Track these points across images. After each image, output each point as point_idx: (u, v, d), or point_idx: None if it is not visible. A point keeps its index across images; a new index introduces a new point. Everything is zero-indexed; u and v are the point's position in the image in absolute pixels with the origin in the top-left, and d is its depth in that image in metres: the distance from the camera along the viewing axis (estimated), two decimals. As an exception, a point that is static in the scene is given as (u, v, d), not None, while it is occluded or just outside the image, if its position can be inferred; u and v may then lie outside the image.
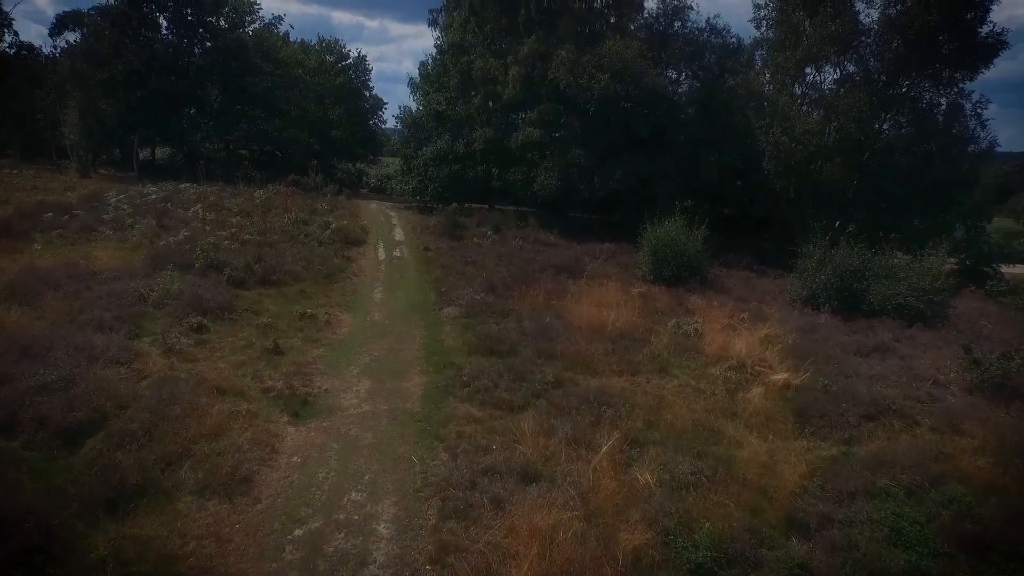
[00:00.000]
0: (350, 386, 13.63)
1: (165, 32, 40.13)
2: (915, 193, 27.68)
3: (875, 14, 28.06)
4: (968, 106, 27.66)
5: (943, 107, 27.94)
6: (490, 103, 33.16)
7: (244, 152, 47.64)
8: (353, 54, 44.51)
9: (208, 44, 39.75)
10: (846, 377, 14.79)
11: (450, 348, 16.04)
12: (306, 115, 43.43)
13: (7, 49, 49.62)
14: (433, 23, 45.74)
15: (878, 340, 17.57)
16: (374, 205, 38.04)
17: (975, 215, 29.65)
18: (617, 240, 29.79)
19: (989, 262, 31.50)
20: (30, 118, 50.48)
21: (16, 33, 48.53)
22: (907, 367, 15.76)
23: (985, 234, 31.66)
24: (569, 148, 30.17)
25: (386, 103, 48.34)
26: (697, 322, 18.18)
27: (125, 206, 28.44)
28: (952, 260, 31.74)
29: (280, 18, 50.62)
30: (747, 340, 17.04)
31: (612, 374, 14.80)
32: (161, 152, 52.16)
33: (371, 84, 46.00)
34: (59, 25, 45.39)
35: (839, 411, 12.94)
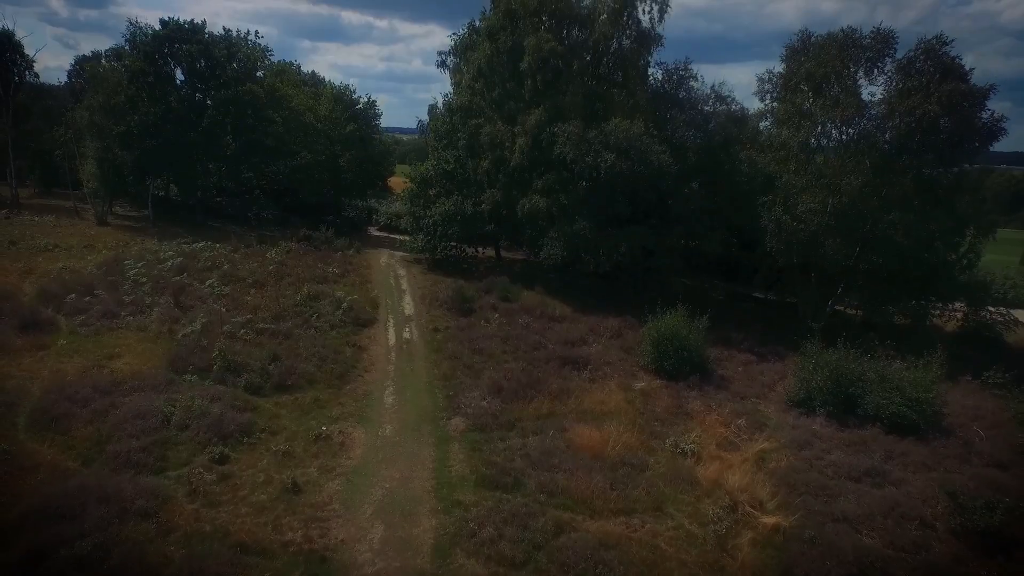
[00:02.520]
0: (364, 534, 14.46)
1: (180, 83, 40.81)
2: (916, 271, 28.22)
3: (878, 91, 28.56)
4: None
5: (944, 186, 28.29)
6: (498, 167, 33.71)
7: (257, 190, 48.61)
8: (363, 100, 45.08)
9: (221, 95, 40.36)
10: (834, 521, 15.49)
11: (457, 479, 16.83)
12: (317, 157, 44.16)
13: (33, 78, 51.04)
14: (442, 64, 46.51)
15: (870, 463, 18.21)
16: (384, 259, 38.79)
17: (977, 291, 30.02)
18: (622, 310, 30.49)
19: (991, 329, 31.86)
20: (48, 153, 51.97)
21: (37, 75, 49.59)
22: (895, 502, 16.39)
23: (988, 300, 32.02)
24: (575, 218, 30.77)
25: (395, 148, 48.64)
26: (694, 443, 18.85)
27: (143, 279, 29.37)
28: (959, 309, 32.30)
29: (291, 63, 51.48)
30: (741, 465, 17.83)
31: (610, 514, 15.58)
32: (175, 187, 53.08)
33: (381, 128, 46.64)
34: (78, 71, 46.31)
35: (823, 570, 13.69)
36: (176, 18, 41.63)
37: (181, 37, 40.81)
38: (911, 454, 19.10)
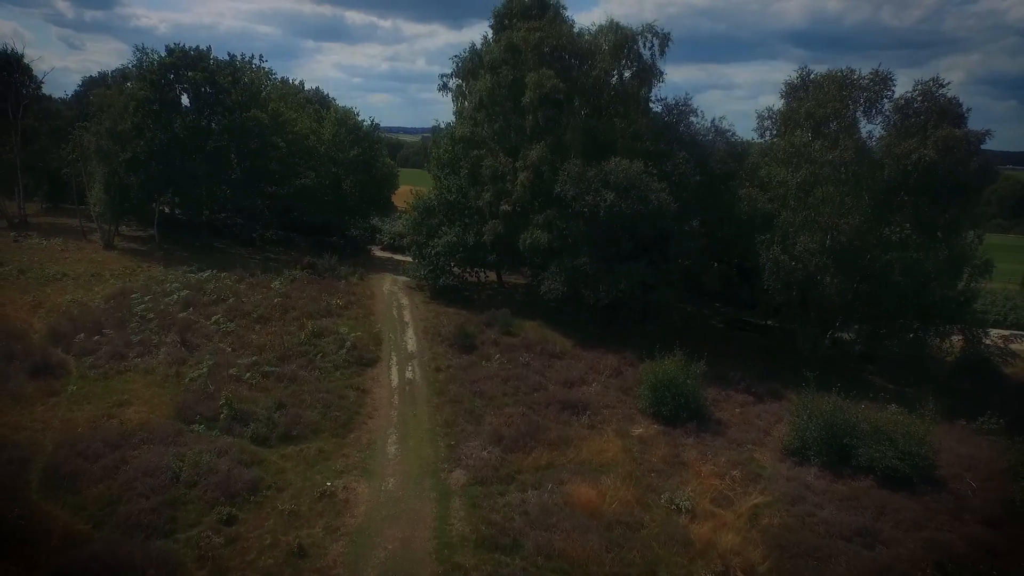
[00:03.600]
0: (367, 605, 14.93)
1: (186, 109, 41.21)
2: (913, 308, 28.57)
3: (877, 129, 28.89)
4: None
5: (942, 225, 28.59)
6: (499, 198, 34.07)
7: (262, 210, 49.20)
8: (367, 123, 45.42)
9: (226, 121, 40.81)
10: (823, 591, 15.92)
11: (458, 539, 17.26)
12: (321, 181, 44.61)
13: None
14: (444, 87, 46.89)
15: (862, 522, 18.60)
16: (387, 285, 39.22)
17: (973, 326, 30.35)
18: (622, 343, 30.98)
19: (989, 363, 32.18)
20: (55, 170, 52.66)
21: (46, 96, 50.23)
22: (885, 566, 16.80)
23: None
24: (575, 253, 31.15)
25: (397, 171, 49.03)
26: (689, 498, 19.25)
27: (150, 314, 29.91)
28: (957, 342, 32.56)
29: (295, 81, 51.78)
30: (735, 522, 18.27)
31: (604, 581, 16.03)
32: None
33: (385, 153, 47.06)
34: (84, 93, 46.82)
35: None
36: (181, 44, 42.14)
37: (186, 64, 41.25)
38: (903, 510, 19.46)
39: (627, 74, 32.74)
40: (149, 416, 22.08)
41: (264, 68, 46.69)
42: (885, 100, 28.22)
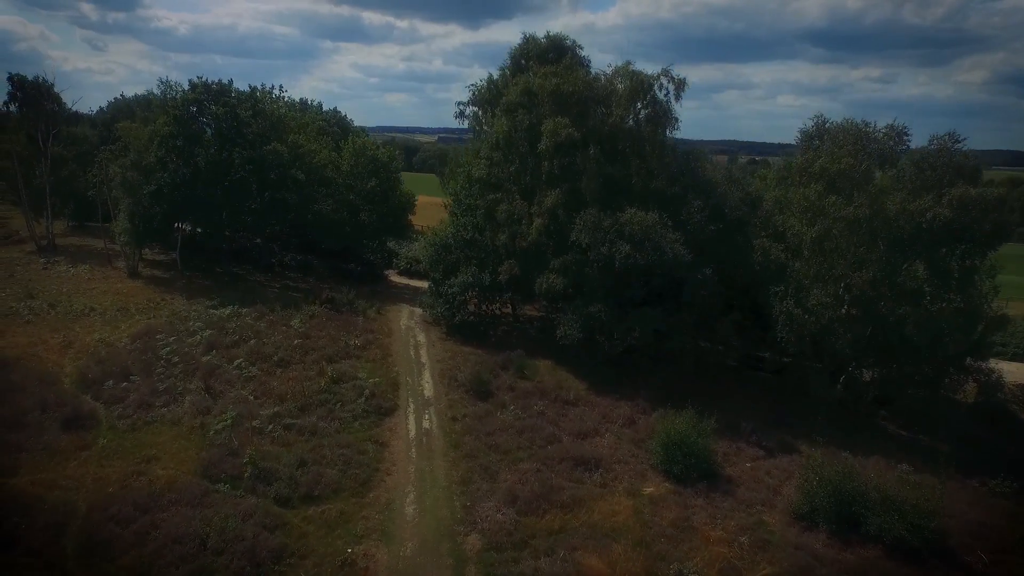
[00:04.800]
0: None
1: (207, 141, 42.04)
2: (927, 360, 28.72)
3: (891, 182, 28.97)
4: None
5: (956, 279, 28.64)
6: (515, 240, 34.54)
7: (280, 235, 50.16)
8: (384, 156, 46.04)
9: (246, 154, 41.66)
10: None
11: (474, 614, 17.90)
12: (339, 213, 45.38)
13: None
14: (460, 115, 47.58)
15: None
16: (404, 320, 39.87)
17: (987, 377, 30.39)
18: (635, 387, 31.43)
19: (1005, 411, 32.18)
20: (81, 192, 54.08)
21: (76, 114, 51.60)
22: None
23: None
24: (590, 299, 31.58)
25: (415, 200, 49.66)
26: (697, 570, 19.71)
27: (175, 358, 30.83)
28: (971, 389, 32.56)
29: (313, 103, 52.55)
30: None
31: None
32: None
33: (402, 181, 47.74)
34: (111, 120, 47.95)
35: None
36: (204, 78, 42.99)
37: (209, 98, 42.14)
38: (910, 585, 19.80)
39: (643, 121, 32.98)
40: (176, 473, 22.91)
41: (284, 97, 47.50)
42: (900, 154, 28.29)
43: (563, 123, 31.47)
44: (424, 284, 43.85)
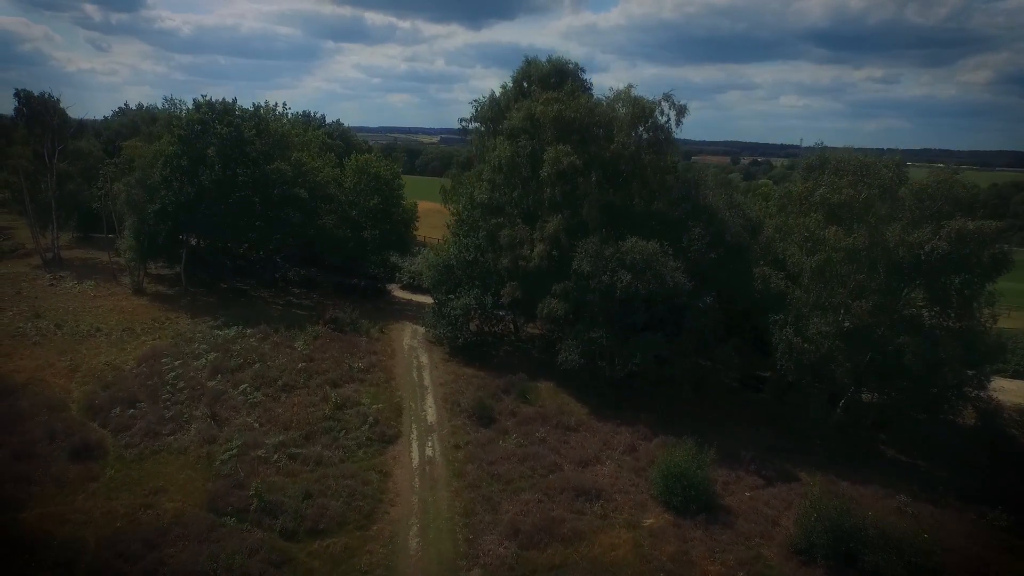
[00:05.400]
0: None
1: (211, 160, 42.32)
2: (924, 390, 28.95)
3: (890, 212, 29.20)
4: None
5: (956, 306, 28.84)
6: (517, 265, 34.78)
7: (284, 249, 50.55)
8: (386, 174, 46.36)
9: (249, 172, 42.01)
10: None
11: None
12: (343, 231, 45.73)
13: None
14: (463, 132, 48.02)
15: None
16: (407, 339, 40.21)
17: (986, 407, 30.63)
18: (635, 411, 31.82)
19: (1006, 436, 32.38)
20: (86, 204, 54.59)
21: (79, 123, 52.16)
22: None
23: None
24: (591, 324, 31.86)
25: (417, 217, 49.98)
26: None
27: (180, 383, 31.20)
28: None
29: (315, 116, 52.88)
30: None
31: None
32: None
33: (404, 198, 48.05)
34: (114, 137, 48.31)
35: None
36: (207, 97, 43.36)
37: (213, 117, 42.45)
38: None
39: (644, 144, 33.20)
40: (184, 506, 23.27)
41: (287, 114, 47.79)
42: (902, 186, 28.49)
43: (565, 151, 31.71)
44: (427, 299, 44.21)
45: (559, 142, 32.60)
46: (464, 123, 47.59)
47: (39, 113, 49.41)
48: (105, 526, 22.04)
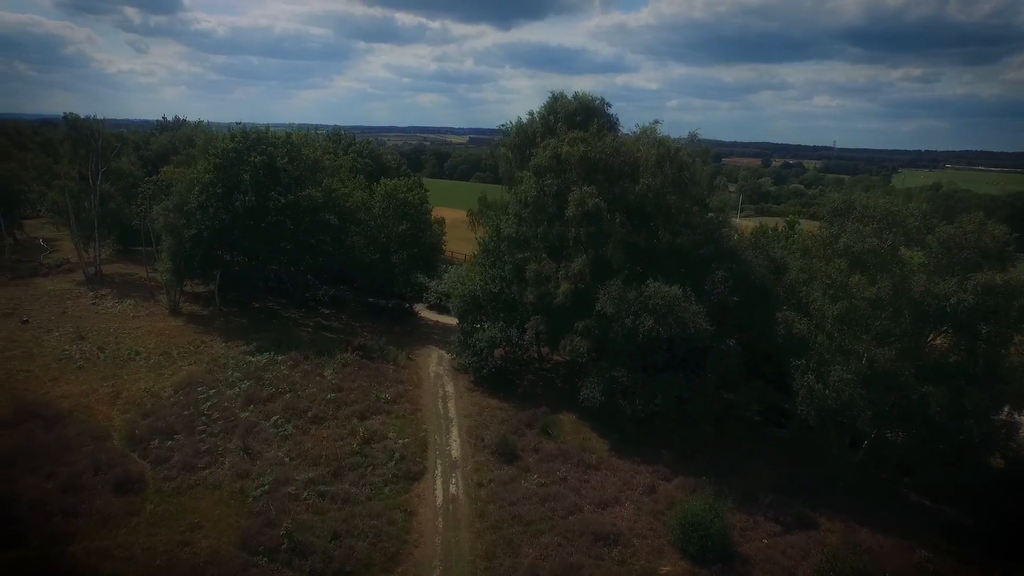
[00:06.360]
0: None
1: (245, 187, 43.66)
2: (948, 444, 28.77)
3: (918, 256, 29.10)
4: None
5: (981, 357, 28.60)
6: (542, 299, 35.33)
7: (313, 270, 51.89)
8: (414, 199, 47.34)
9: (282, 200, 43.29)
10: None
11: None
12: (371, 255, 46.81)
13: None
14: (491, 156, 48.67)
15: None
16: (433, 366, 41.13)
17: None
18: (656, 448, 32.23)
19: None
20: (126, 221, 56.74)
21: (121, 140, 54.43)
22: None
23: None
24: (614, 362, 32.31)
25: (444, 242, 50.89)
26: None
27: (215, 413, 32.49)
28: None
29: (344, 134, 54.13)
30: None
31: None
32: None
33: (431, 225, 49.00)
34: (155, 158, 50.17)
35: None
36: (242, 124, 44.71)
37: (248, 147, 43.83)
38: None
39: (669, 183, 33.41)
40: (218, 543, 24.37)
41: (319, 135, 49.03)
42: (928, 234, 28.33)
43: (590, 193, 32.16)
44: (453, 320, 45.00)
45: (584, 182, 33.08)
46: (493, 150, 48.45)
47: (85, 137, 51.44)
48: (146, 563, 23.25)
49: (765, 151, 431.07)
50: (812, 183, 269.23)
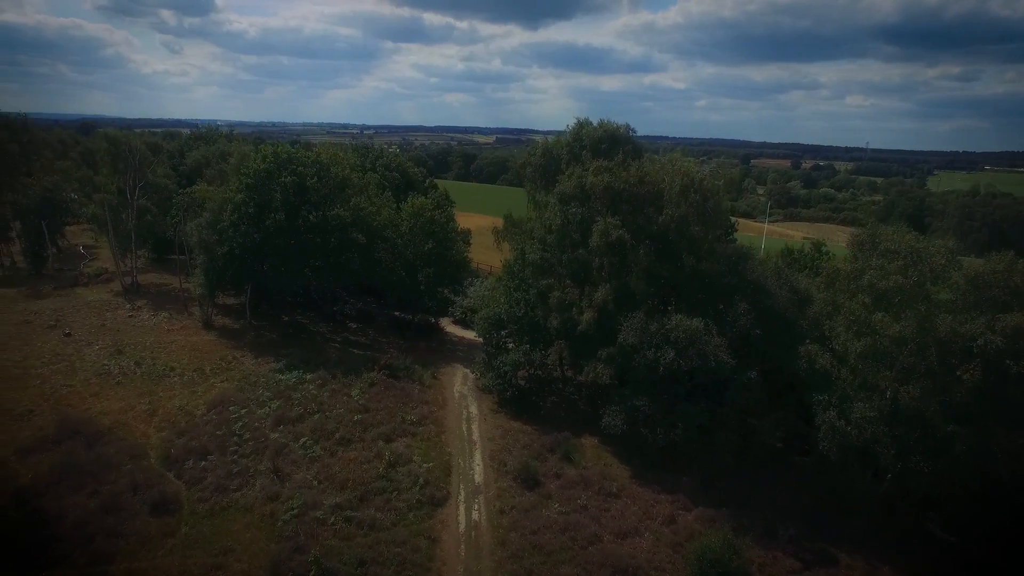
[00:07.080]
0: None
1: (276, 206, 44.84)
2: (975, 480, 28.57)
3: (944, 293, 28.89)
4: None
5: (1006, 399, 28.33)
6: (566, 325, 35.78)
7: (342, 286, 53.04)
8: (441, 218, 48.15)
9: (311, 219, 44.39)
10: None
11: None
12: (397, 272, 47.73)
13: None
14: (518, 176, 49.20)
15: None
16: (457, 385, 41.85)
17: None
18: (677, 474, 32.48)
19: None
20: (161, 231, 58.71)
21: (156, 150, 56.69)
22: None
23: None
24: (636, 390, 32.66)
25: (469, 257, 51.62)
26: None
27: (246, 434, 33.61)
28: None
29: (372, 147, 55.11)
30: None
31: None
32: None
33: (457, 240, 49.72)
34: (190, 171, 51.90)
35: None
36: (274, 145, 45.87)
37: (278, 167, 45.06)
38: None
39: (693, 215, 33.60)
40: (249, 568, 25.36)
41: (347, 156, 50.17)
42: (956, 271, 28.16)
43: (614, 224, 32.52)
44: (478, 336, 45.59)
45: (609, 212, 33.44)
46: (519, 171, 48.90)
47: (123, 153, 53.22)
48: (182, 592, 24.34)
49: (795, 152, 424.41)
50: (843, 185, 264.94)
